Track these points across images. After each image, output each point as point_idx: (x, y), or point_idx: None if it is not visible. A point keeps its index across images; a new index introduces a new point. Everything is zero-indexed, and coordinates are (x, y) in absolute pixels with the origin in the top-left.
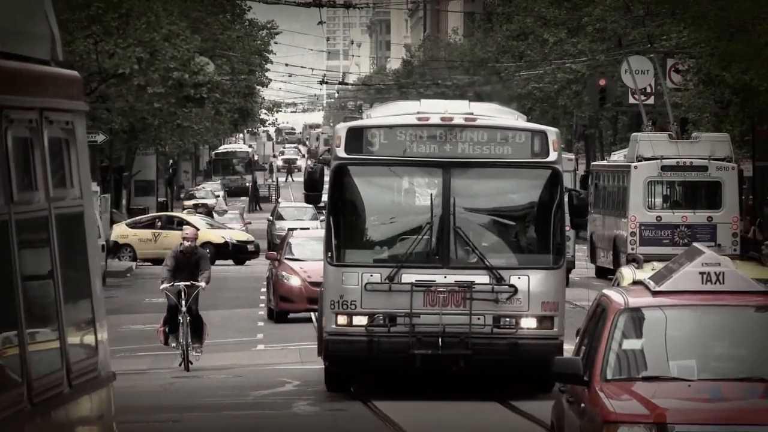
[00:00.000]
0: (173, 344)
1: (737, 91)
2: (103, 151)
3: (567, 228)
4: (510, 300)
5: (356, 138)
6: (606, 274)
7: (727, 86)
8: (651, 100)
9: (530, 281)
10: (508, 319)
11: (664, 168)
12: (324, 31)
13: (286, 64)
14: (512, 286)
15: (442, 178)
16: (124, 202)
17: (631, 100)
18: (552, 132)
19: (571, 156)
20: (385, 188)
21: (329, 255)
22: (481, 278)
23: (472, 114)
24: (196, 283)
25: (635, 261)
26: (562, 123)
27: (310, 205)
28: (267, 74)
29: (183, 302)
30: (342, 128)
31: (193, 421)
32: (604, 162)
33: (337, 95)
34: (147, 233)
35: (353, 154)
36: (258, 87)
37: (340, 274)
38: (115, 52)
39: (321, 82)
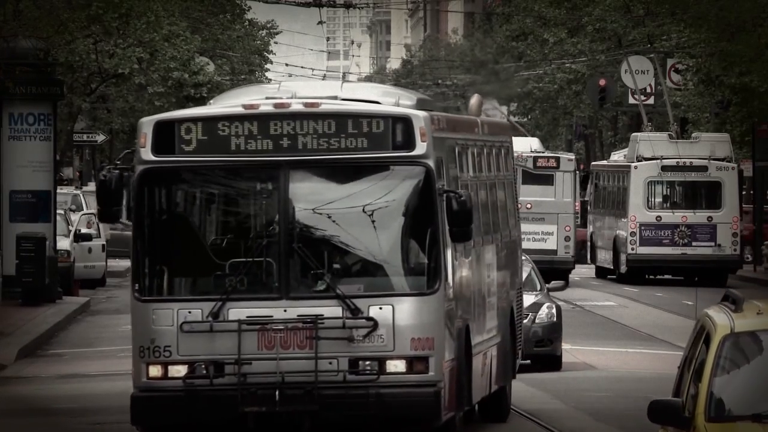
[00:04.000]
0: None
1: (737, 92)
2: (103, 151)
3: (567, 228)
4: (369, 337)
5: (167, 135)
6: (606, 274)
7: (726, 87)
8: (651, 100)
9: (395, 312)
10: (367, 363)
11: (664, 168)
12: (324, 31)
13: (286, 64)
14: (371, 319)
15: (279, 183)
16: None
17: (631, 100)
18: (419, 117)
19: (572, 156)
20: (206, 199)
21: (136, 287)
22: (332, 310)
23: (333, 98)
24: None
25: (731, 301)
26: (562, 123)
27: None
28: (267, 74)
29: None
30: (148, 123)
31: None
32: (604, 162)
33: None
34: None
35: (163, 156)
36: None
37: (149, 311)
38: (115, 52)
39: None
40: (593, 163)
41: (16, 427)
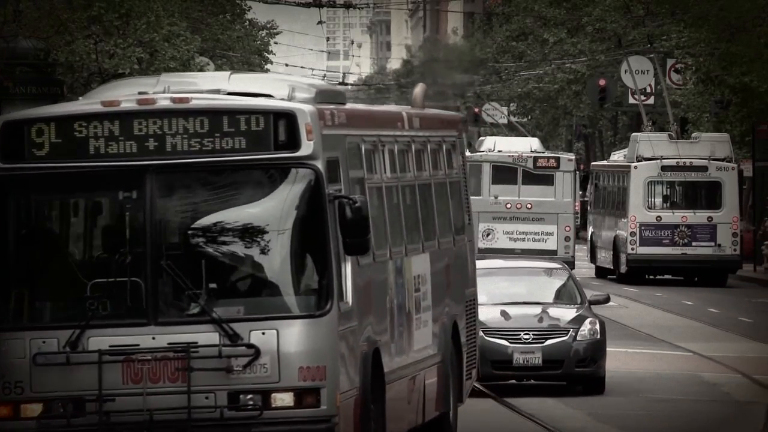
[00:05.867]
0: None
1: (737, 91)
2: None
3: (567, 228)
4: (250, 367)
5: (15, 138)
6: (606, 274)
7: (726, 86)
8: (651, 100)
9: (280, 338)
10: (249, 397)
11: (664, 168)
12: (324, 31)
13: (286, 65)
14: (252, 346)
15: (145, 191)
16: None
17: (631, 100)
18: (304, 112)
19: (572, 156)
20: (62, 211)
21: None
22: (207, 337)
23: (216, 92)
24: None
25: None
26: (562, 123)
27: None
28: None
29: None
30: None
31: None
32: (604, 162)
33: None
34: None
35: (11, 163)
36: None
37: None
38: (115, 53)
39: None
40: (593, 163)
41: None
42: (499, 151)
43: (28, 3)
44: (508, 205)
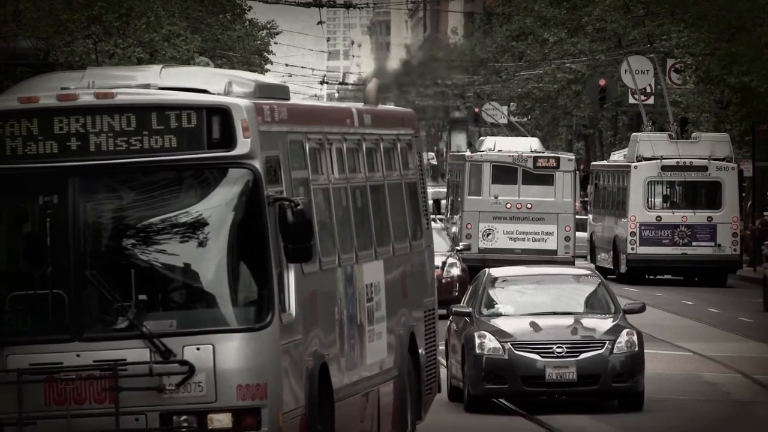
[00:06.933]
0: None
1: (737, 91)
2: None
3: (567, 228)
4: (184, 386)
5: None
6: (606, 274)
7: (726, 86)
8: (651, 100)
9: (217, 353)
10: (183, 418)
11: (664, 168)
12: (324, 31)
13: (286, 65)
14: (186, 362)
15: (68, 195)
16: None
17: (631, 100)
18: (240, 107)
19: (572, 156)
20: None
21: None
22: (137, 353)
23: (146, 87)
24: None
25: None
26: (562, 123)
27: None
28: (267, 74)
29: None
30: None
31: None
32: (604, 162)
33: (337, 95)
34: None
35: None
36: None
37: None
38: (115, 53)
39: (321, 83)
40: (593, 163)
41: None
42: (499, 151)
43: (28, 3)
44: (508, 205)
